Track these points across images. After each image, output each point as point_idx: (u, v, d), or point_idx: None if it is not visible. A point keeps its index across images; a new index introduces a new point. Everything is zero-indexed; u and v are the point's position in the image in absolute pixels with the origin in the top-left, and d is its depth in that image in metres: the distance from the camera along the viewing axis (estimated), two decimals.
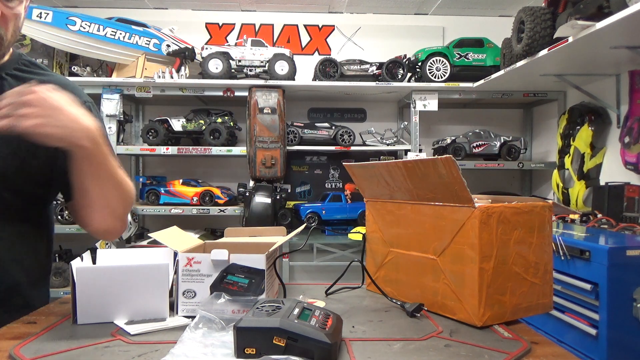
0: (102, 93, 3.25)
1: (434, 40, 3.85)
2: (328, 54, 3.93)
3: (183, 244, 1.08)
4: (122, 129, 3.41)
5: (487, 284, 0.95)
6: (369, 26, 3.97)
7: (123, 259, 1.12)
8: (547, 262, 1.05)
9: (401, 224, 1.14)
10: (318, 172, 3.93)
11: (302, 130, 3.45)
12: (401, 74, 3.41)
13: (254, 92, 3.28)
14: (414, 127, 3.44)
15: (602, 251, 1.75)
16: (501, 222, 0.97)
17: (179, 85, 3.31)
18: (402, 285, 1.14)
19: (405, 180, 1.08)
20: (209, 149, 3.31)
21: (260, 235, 1.33)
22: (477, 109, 3.97)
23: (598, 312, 1.78)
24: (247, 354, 0.75)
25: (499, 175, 3.92)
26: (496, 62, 3.38)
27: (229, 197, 3.41)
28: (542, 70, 2.83)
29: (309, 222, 3.32)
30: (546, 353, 0.84)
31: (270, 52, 3.35)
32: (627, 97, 2.73)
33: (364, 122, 3.97)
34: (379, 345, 0.85)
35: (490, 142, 3.49)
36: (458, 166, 0.94)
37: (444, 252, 1.02)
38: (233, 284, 1.00)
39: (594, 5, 2.13)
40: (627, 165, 2.67)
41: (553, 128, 3.46)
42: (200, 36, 3.86)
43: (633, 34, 2.07)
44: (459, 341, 0.88)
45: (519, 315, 1.01)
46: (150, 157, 3.86)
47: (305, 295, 1.15)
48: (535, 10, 2.48)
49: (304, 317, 0.79)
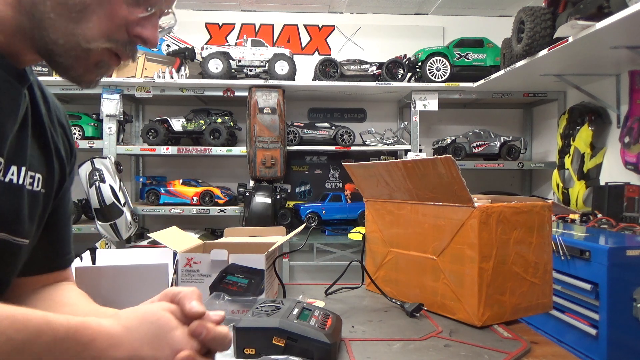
0: (102, 93, 3.25)
1: (434, 40, 3.85)
2: (328, 54, 3.93)
3: (183, 244, 1.08)
4: (122, 129, 3.41)
5: (486, 284, 0.95)
6: (369, 26, 3.96)
7: (123, 259, 1.12)
8: (547, 261, 1.05)
9: (401, 224, 1.14)
10: (318, 172, 3.93)
11: (302, 130, 3.45)
12: (401, 74, 3.41)
13: (254, 92, 3.28)
14: (414, 127, 3.44)
15: (602, 251, 1.74)
16: (501, 222, 0.97)
17: (179, 85, 3.31)
18: (401, 285, 1.14)
19: (405, 180, 1.08)
20: (209, 149, 3.31)
21: (259, 235, 1.34)
22: (477, 109, 3.97)
23: (598, 312, 1.77)
24: (247, 354, 0.75)
25: (499, 175, 3.92)
26: (496, 62, 3.38)
27: (229, 197, 3.41)
28: (542, 70, 2.83)
29: (309, 222, 3.32)
30: (546, 353, 0.84)
31: (270, 52, 3.35)
32: (627, 97, 2.73)
33: (364, 122, 3.97)
34: (378, 345, 0.85)
35: (490, 142, 3.49)
36: (457, 166, 0.94)
37: (444, 252, 1.02)
38: (232, 284, 1.00)
39: (594, 5, 2.12)
40: (627, 165, 2.67)
41: (553, 128, 3.46)
42: (200, 36, 3.86)
43: (633, 34, 2.07)
44: (458, 341, 0.88)
45: (518, 315, 1.01)
46: (150, 157, 3.86)
47: (305, 295, 1.15)
48: (535, 10, 2.48)
49: (304, 317, 0.79)
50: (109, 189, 3.06)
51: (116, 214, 3.07)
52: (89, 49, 0.69)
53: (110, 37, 0.70)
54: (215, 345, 0.62)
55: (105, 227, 3.08)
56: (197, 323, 0.62)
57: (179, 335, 0.60)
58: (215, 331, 0.62)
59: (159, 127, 3.36)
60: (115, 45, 0.71)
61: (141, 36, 0.72)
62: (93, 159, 3.11)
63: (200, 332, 0.61)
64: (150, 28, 0.73)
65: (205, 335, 0.61)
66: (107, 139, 3.27)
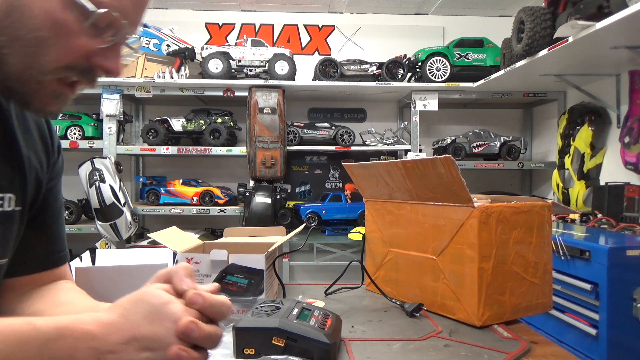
0: (102, 93, 3.25)
1: (434, 40, 3.85)
2: (328, 54, 3.93)
3: (182, 244, 1.08)
4: (122, 129, 3.41)
5: (486, 284, 0.95)
6: (369, 26, 3.96)
7: (122, 259, 1.12)
8: (547, 261, 1.05)
9: (400, 224, 1.14)
10: (318, 172, 3.93)
11: (302, 130, 3.45)
12: (401, 74, 3.41)
13: (254, 92, 3.28)
14: (414, 127, 3.44)
15: (602, 251, 1.74)
16: (500, 222, 0.97)
17: (179, 85, 3.31)
18: (401, 285, 1.14)
19: (405, 180, 1.08)
20: (209, 149, 3.31)
21: (259, 235, 1.34)
22: (477, 109, 3.97)
23: (598, 312, 1.77)
24: (247, 354, 0.75)
25: (499, 175, 3.92)
26: (496, 62, 3.38)
27: (229, 197, 3.41)
28: (542, 70, 2.82)
29: (309, 222, 3.32)
30: (546, 353, 0.84)
31: (270, 52, 3.35)
32: (627, 97, 2.73)
33: (364, 122, 3.97)
34: (378, 345, 0.85)
35: (490, 142, 3.49)
36: (457, 166, 0.94)
37: (444, 251, 1.02)
38: (232, 284, 1.00)
39: (594, 5, 2.12)
40: (627, 165, 2.67)
41: (553, 128, 3.46)
42: (200, 36, 3.86)
43: (633, 34, 2.07)
44: (458, 341, 0.88)
45: (518, 315, 1.01)
46: (150, 157, 3.86)
47: (305, 295, 1.15)
48: (535, 10, 2.48)
49: (303, 317, 0.79)
50: (109, 189, 3.06)
51: (116, 214, 3.07)
52: (43, 80, 0.67)
53: (69, 68, 0.67)
54: (214, 313, 0.61)
55: (105, 227, 3.08)
56: (192, 292, 0.61)
57: (175, 307, 0.59)
58: (212, 298, 0.61)
59: (159, 127, 3.36)
60: (71, 73, 0.68)
61: (103, 66, 0.70)
62: (93, 159, 3.11)
63: (197, 300, 0.60)
64: (112, 58, 0.71)
65: (203, 302, 0.60)
66: (107, 139, 3.27)
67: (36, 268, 0.86)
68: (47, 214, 0.87)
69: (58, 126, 3.28)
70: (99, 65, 0.70)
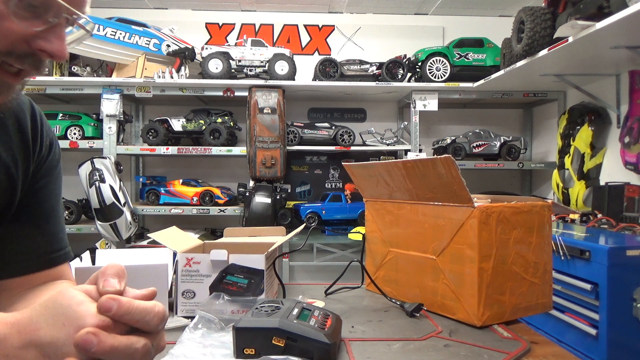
0: (102, 93, 3.25)
1: (434, 40, 3.85)
2: (328, 54, 3.93)
3: (182, 244, 1.08)
4: (122, 129, 3.41)
5: (486, 284, 0.95)
6: (369, 26, 3.96)
7: (122, 259, 1.12)
8: (547, 261, 1.05)
9: (400, 224, 1.14)
10: (318, 172, 3.93)
11: (302, 130, 3.45)
12: (401, 74, 3.41)
13: (254, 92, 3.28)
14: (414, 127, 3.43)
15: (602, 251, 1.74)
16: (500, 222, 0.97)
17: (179, 85, 3.31)
18: (401, 285, 1.14)
19: (405, 180, 1.08)
20: (209, 149, 3.31)
21: (259, 235, 1.33)
22: (477, 109, 3.97)
23: (598, 312, 1.77)
24: (247, 354, 0.74)
25: (499, 175, 3.92)
26: (496, 62, 3.38)
27: (229, 197, 3.41)
28: (542, 70, 2.83)
29: (309, 222, 3.32)
30: (546, 353, 0.84)
31: (270, 52, 3.35)
32: (627, 97, 2.73)
33: (364, 122, 3.97)
34: (378, 345, 0.85)
35: (490, 142, 3.49)
36: (457, 166, 0.94)
37: (444, 251, 1.01)
38: (232, 284, 0.99)
39: (594, 5, 2.12)
40: (627, 165, 2.67)
41: (553, 128, 3.46)
42: (200, 36, 3.86)
43: (633, 34, 2.07)
44: (458, 341, 0.88)
45: (518, 315, 1.01)
46: (150, 157, 3.86)
47: (305, 295, 1.15)
48: (535, 10, 2.48)
49: (303, 318, 0.78)
50: (109, 189, 3.07)
51: (116, 214, 3.07)
52: None
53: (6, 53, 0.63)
54: (133, 321, 0.53)
55: (105, 227, 3.08)
56: (106, 297, 0.52)
57: (84, 310, 0.51)
58: (130, 305, 0.52)
59: (159, 127, 3.36)
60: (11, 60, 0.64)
61: (45, 50, 0.65)
62: (93, 159, 3.11)
63: (109, 306, 0.51)
64: (54, 41, 0.65)
65: (117, 309, 0.51)
66: (107, 139, 3.27)
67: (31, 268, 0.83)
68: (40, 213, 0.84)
69: (58, 126, 3.28)
70: (41, 49, 0.65)
